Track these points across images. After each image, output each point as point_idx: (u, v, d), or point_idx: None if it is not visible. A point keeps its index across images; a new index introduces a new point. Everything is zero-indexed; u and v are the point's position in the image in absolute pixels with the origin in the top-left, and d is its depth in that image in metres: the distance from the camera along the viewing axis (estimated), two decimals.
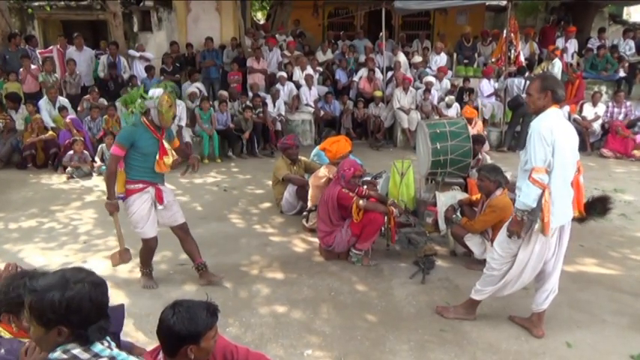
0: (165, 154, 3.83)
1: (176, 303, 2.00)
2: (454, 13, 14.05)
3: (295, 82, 10.38)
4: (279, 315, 3.66)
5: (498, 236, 3.35)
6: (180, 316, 1.92)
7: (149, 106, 3.74)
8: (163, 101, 3.71)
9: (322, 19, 14.61)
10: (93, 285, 1.71)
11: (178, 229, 4.10)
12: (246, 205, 6.29)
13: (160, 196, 3.89)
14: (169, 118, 3.78)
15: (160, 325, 1.97)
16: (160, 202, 3.89)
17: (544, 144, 2.95)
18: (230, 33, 11.66)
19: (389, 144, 10.11)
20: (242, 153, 9.07)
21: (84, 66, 9.64)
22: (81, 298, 1.67)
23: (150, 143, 3.77)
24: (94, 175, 7.61)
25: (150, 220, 3.91)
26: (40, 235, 5.20)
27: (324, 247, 4.63)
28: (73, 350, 1.69)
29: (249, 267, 4.50)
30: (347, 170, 4.42)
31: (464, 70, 11.26)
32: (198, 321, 1.94)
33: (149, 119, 3.77)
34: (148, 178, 3.83)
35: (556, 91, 3.03)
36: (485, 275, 3.40)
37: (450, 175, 5.64)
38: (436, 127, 5.68)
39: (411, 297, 3.95)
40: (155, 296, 3.92)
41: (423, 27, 14.31)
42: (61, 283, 1.69)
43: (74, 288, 1.68)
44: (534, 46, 11.61)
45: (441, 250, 4.85)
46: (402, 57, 11.04)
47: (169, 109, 3.75)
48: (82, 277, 1.74)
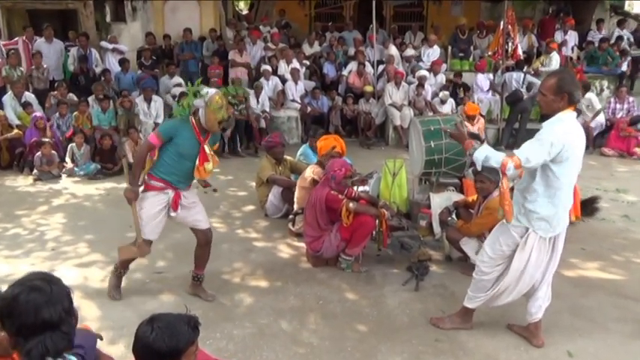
0: (206, 160, 3.73)
1: (153, 318, 1.97)
2: (448, 3, 14.14)
3: (280, 77, 10.36)
4: (263, 326, 3.64)
5: (490, 237, 3.37)
6: (159, 332, 1.89)
7: (198, 105, 3.67)
8: (213, 100, 3.62)
9: (309, 9, 14.63)
10: (31, 289, 1.77)
11: (201, 233, 4.01)
12: (228, 208, 6.25)
13: (176, 201, 3.80)
14: (216, 121, 3.66)
15: (137, 342, 1.94)
16: (175, 209, 3.81)
17: (546, 152, 2.91)
18: (210, 24, 11.60)
19: (380, 142, 10.14)
20: (223, 152, 8.99)
21: (53, 59, 9.51)
22: (13, 299, 1.75)
23: (190, 144, 3.68)
24: (62, 177, 7.51)
25: (154, 223, 3.83)
26: (4, 241, 5.10)
27: (311, 252, 4.62)
28: None
29: (231, 275, 4.47)
30: (337, 171, 4.41)
31: (459, 64, 11.35)
32: (179, 337, 1.91)
33: (197, 119, 3.69)
34: (172, 181, 3.76)
35: (573, 94, 2.99)
36: (476, 280, 3.42)
37: (445, 175, 5.65)
38: (430, 124, 5.68)
39: (404, 305, 3.95)
40: (129, 307, 3.87)
41: (415, 18, 14.39)
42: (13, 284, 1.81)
43: (13, 289, 1.79)
44: (533, 39, 11.73)
45: (436, 255, 4.86)
46: (394, 50, 11.08)
47: (219, 110, 3.64)
48: (27, 279, 1.84)
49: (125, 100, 8.44)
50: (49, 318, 1.73)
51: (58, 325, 1.74)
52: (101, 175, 7.52)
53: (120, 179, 7.44)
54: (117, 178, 7.51)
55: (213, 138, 3.91)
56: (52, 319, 1.74)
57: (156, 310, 3.59)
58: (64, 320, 1.77)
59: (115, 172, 7.63)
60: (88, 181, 7.35)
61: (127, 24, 11.27)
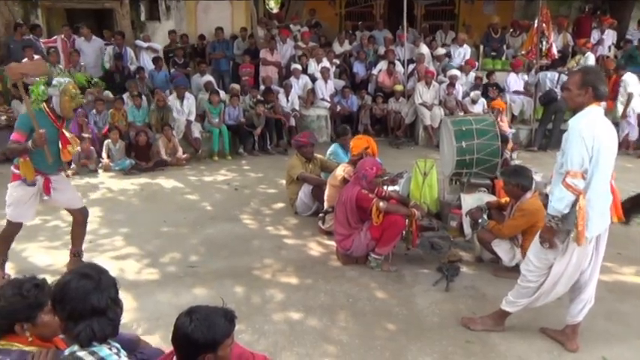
0: (68, 143, 4.05)
1: (192, 309, 2.03)
2: (481, 1, 13.95)
3: (310, 76, 10.41)
4: (294, 322, 3.69)
5: (533, 245, 3.31)
6: (197, 324, 1.95)
7: (52, 93, 3.94)
8: (67, 89, 3.92)
9: (339, 8, 14.62)
10: (81, 276, 1.92)
11: (78, 212, 4.37)
12: (258, 205, 6.33)
13: (47, 186, 4.10)
14: (71, 108, 3.98)
15: (176, 333, 2.00)
16: (47, 193, 4.11)
17: (583, 146, 2.90)
18: (242, 23, 11.73)
19: (410, 142, 10.08)
20: (253, 150, 9.11)
21: (92, 57, 9.75)
22: (65, 285, 1.90)
23: (50, 132, 3.92)
24: (99, 171, 7.72)
25: (25, 205, 4.10)
26: (45, 233, 5.29)
27: (341, 251, 4.65)
28: (78, 353, 1.81)
29: (261, 271, 4.53)
30: (369, 170, 4.43)
31: (491, 64, 11.18)
32: (216, 329, 1.97)
33: (50, 107, 3.97)
34: (41, 168, 4.03)
35: (598, 88, 2.98)
36: (520, 287, 3.38)
37: (477, 175, 5.62)
38: (461, 124, 5.65)
39: (435, 305, 3.95)
40: (164, 300, 3.97)
41: (447, 17, 14.23)
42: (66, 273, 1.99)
43: (65, 277, 1.95)
44: (568, 38, 11.47)
45: (467, 256, 4.83)
46: (425, 49, 10.99)
47: (72, 99, 3.96)
48: (78, 268, 2.02)
49: (159, 98, 8.62)
50: (97, 304, 1.83)
51: (104, 311, 1.84)
52: (136, 170, 7.70)
53: (154, 175, 7.63)
54: (151, 173, 7.69)
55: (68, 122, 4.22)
56: (99, 306, 1.83)
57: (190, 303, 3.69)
58: (110, 307, 1.87)
59: (149, 167, 7.80)
60: (123, 177, 7.54)
61: (160, 23, 11.48)
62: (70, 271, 2.02)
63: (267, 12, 14.98)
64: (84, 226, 4.45)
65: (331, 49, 11.37)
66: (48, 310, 1.98)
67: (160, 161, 7.97)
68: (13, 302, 1.93)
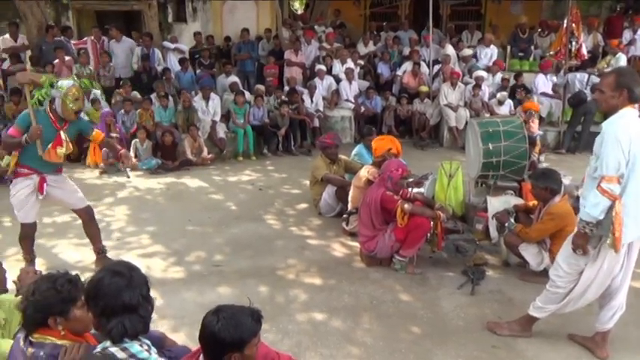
0: (59, 145, 4.09)
1: (219, 308, 2.04)
2: (508, 1, 13.75)
3: (334, 76, 10.40)
4: (317, 323, 3.69)
5: (562, 250, 3.25)
6: (224, 323, 1.96)
7: (54, 95, 4.01)
8: (69, 93, 3.98)
9: (364, 8, 14.58)
10: (114, 273, 1.98)
11: (82, 212, 4.44)
12: (282, 206, 6.36)
13: (41, 185, 4.13)
14: (72, 112, 4.03)
15: (204, 331, 2.02)
16: (40, 192, 4.14)
17: (619, 150, 2.82)
18: (267, 24, 11.79)
19: (434, 143, 10.00)
20: (278, 150, 9.16)
21: (122, 57, 9.93)
22: (98, 282, 1.96)
23: (45, 131, 4.00)
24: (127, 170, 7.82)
25: (27, 206, 4.16)
26: (74, 230, 5.40)
27: (365, 252, 4.63)
28: (110, 348, 1.85)
29: (285, 271, 4.55)
30: (394, 171, 4.41)
31: (518, 64, 11.01)
32: (243, 328, 1.98)
33: (52, 108, 4.06)
34: (34, 166, 4.10)
35: (633, 90, 2.90)
36: (549, 292, 3.31)
37: (503, 178, 5.54)
38: (488, 126, 5.58)
39: (460, 309, 3.91)
40: (190, 298, 4.02)
41: (473, 17, 14.06)
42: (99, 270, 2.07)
43: (98, 274, 2.02)
44: (598, 38, 11.22)
45: (492, 260, 4.77)
46: (451, 49, 10.89)
47: (74, 102, 4.01)
48: (111, 266, 2.10)
49: (185, 98, 8.73)
50: (129, 301, 1.87)
51: (136, 308, 1.88)
52: (162, 170, 7.82)
53: (179, 174, 7.73)
54: (177, 173, 7.79)
55: (78, 125, 4.24)
56: (131, 303, 1.87)
57: (214, 302, 3.72)
58: (141, 305, 1.90)
59: (174, 167, 7.91)
60: (150, 176, 7.66)
61: (187, 24, 11.63)
62: (103, 268, 2.07)
63: (292, 13, 15.06)
64: (93, 225, 4.51)
65: (356, 49, 11.35)
66: (80, 306, 2.03)
67: (186, 161, 8.08)
68: (48, 296, 1.98)
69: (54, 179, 4.24)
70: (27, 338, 2.02)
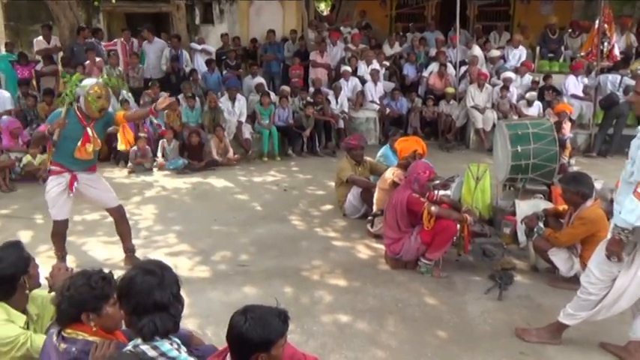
0: (88, 142, 4.17)
1: (247, 309, 2.05)
2: (538, 1, 13.51)
3: (360, 78, 10.38)
4: (342, 324, 3.68)
5: (595, 256, 3.16)
6: (252, 323, 1.97)
7: (79, 93, 4.11)
8: (92, 91, 4.06)
9: (390, 9, 14.53)
10: (146, 272, 2.01)
11: (114, 211, 4.54)
12: (306, 207, 6.37)
13: (71, 183, 4.21)
14: (95, 109, 4.11)
15: (231, 331, 2.03)
16: (70, 190, 4.21)
17: None
18: (292, 25, 11.84)
19: (460, 145, 9.88)
20: (302, 151, 9.17)
21: (153, 58, 10.08)
22: (130, 280, 1.99)
23: (73, 128, 4.10)
24: (154, 170, 7.97)
25: (59, 203, 4.23)
26: (103, 228, 5.50)
27: (390, 254, 4.60)
28: (141, 346, 1.88)
29: (310, 272, 4.55)
30: (421, 174, 4.37)
31: (548, 65, 10.79)
32: (270, 328, 1.98)
33: (78, 106, 4.15)
34: (66, 164, 4.20)
35: None
36: (580, 299, 3.23)
37: (532, 181, 5.43)
38: (517, 128, 5.48)
39: (487, 314, 3.84)
40: (215, 297, 4.05)
41: (501, 18, 13.86)
42: (131, 268, 2.11)
43: (130, 272, 2.05)
44: (632, 39, 10.92)
45: (520, 265, 4.68)
46: (478, 50, 10.74)
47: (97, 100, 4.08)
48: (143, 264, 2.13)
49: (211, 99, 8.82)
50: (160, 300, 1.89)
51: (167, 307, 1.90)
52: (188, 170, 7.91)
53: (205, 174, 7.81)
54: (203, 173, 7.87)
55: (104, 119, 4.29)
56: (162, 301, 1.90)
57: (239, 302, 3.77)
58: (172, 304, 1.93)
59: (201, 167, 7.99)
60: (177, 175, 7.76)
61: (214, 26, 11.77)
62: (136, 266, 2.10)
63: (318, 14, 15.08)
64: (124, 223, 4.58)
65: (381, 50, 11.29)
66: (112, 303, 2.06)
67: (212, 161, 8.16)
68: (82, 292, 2.02)
69: (87, 178, 4.31)
70: (60, 333, 2.07)
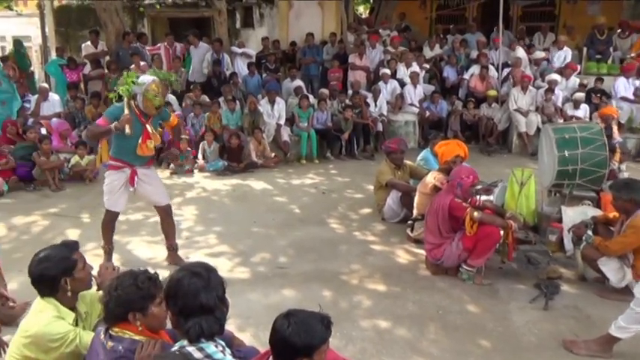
0: (148, 138, 4.26)
1: (290, 313, 2.04)
2: (584, 1, 13.07)
3: (399, 80, 10.28)
4: (382, 330, 3.63)
5: None
6: (295, 328, 1.96)
7: (136, 91, 4.17)
8: (150, 88, 4.11)
9: (430, 11, 14.35)
10: (193, 274, 2.04)
11: (162, 209, 4.62)
12: (345, 210, 6.34)
13: (132, 177, 4.31)
14: (153, 107, 4.19)
15: (274, 335, 2.02)
16: (131, 185, 4.31)
17: None
18: (332, 28, 11.84)
19: (502, 150, 9.64)
20: (341, 154, 9.15)
21: (196, 62, 10.26)
22: (178, 282, 2.03)
23: (134, 125, 4.15)
24: (195, 172, 8.11)
25: (116, 195, 4.35)
26: (146, 228, 5.63)
27: (431, 260, 4.52)
28: (187, 347, 1.90)
29: (349, 276, 4.52)
30: (465, 178, 4.27)
31: (595, 67, 10.42)
32: (313, 334, 1.97)
33: (136, 104, 4.21)
34: (127, 159, 4.29)
35: None
36: (633, 311, 3.09)
37: (580, 187, 5.25)
38: (564, 132, 5.31)
39: (532, 324, 3.72)
40: (255, 299, 4.07)
41: (546, 18, 13.47)
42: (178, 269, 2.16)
43: (178, 273, 2.09)
44: None
45: (568, 274, 4.52)
46: (521, 52, 10.48)
47: (155, 97, 4.15)
48: (190, 266, 2.17)
49: (251, 102, 8.92)
50: (206, 302, 1.91)
51: (212, 310, 1.92)
52: (228, 172, 8.01)
53: (244, 176, 7.89)
54: (242, 175, 7.95)
55: (160, 115, 4.40)
56: (208, 304, 1.92)
57: (278, 304, 3.79)
58: (217, 306, 1.94)
59: (240, 169, 8.08)
60: (217, 177, 7.87)
61: (254, 30, 11.89)
62: (182, 267, 2.13)
63: (357, 17, 15.04)
64: (170, 221, 4.68)
65: (421, 53, 11.16)
66: (158, 303, 2.09)
67: (251, 163, 8.23)
68: (129, 292, 2.06)
69: (145, 173, 4.42)
70: (107, 332, 2.11)
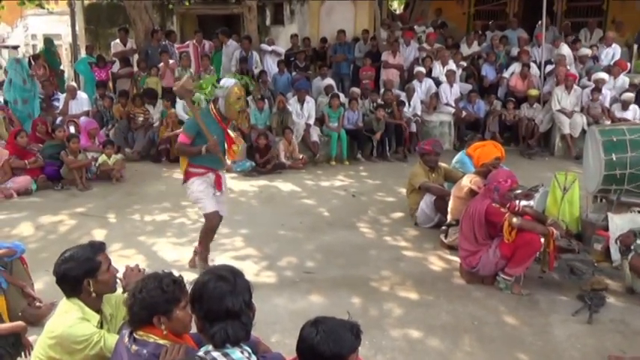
0: (233, 143, 4.31)
1: (318, 320, 2.04)
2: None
3: (435, 79, 10.18)
4: (413, 340, 3.59)
5: None
6: (324, 336, 1.95)
7: (218, 95, 4.17)
8: (232, 92, 4.09)
9: (468, 7, 14.16)
10: (219, 278, 2.05)
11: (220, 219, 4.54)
12: (376, 214, 6.30)
13: (219, 182, 4.33)
14: (235, 111, 4.20)
15: (302, 343, 2.02)
16: (219, 189, 4.33)
17: None
18: (364, 25, 11.82)
19: (544, 152, 9.44)
20: (372, 156, 9.11)
21: (225, 60, 10.40)
22: (203, 285, 2.04)
23: (215, 131, 4.15)
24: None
25: (208, 197, 4.31)
26: (172, 229, 5.72)
27: (466, 268, 4.45)
28: (212, 353, 1.91)
29: (379, 282, 4.49)
30: (502, 182, 4.19)
31: None
32: (342, 343, 1.96)
33: (216, 107, 4.20)
34: (209, 165, 4.29)
35: None
36: None
37: (628, 193, 5.07)
38: (612, 134, 5.15)
39: (575, 339, 3.62)
40: (281, 304, 4.08)
41: (593, 13, 13.10)
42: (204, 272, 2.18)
43: (204, 276, 2.11)
44: None
45: (614, 285, 4.37)
46: (566, 49, 10.22)
47: (237, 102, 4.14)
48: (216, 269, 2.18)
49: (280, 100, 8.97)
50: (232, 307, 1.92)
51: (238, 315, 1.93)
52: (255, 172, 8.07)
53: (272, 178, 7.93)
54: (269, 176, 8.00)
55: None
56: (233, 309, 1.93)
57: (305, 310, 3.79)
58: (244, 311, 1.95)
59: (268, 170, 8.13)
60: (244, 178, 7.94)
61: (284, 27, 11.97)
62: (208, 271, 2.15)
63: (391, 13, 14.97)
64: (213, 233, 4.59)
65: (458, 50, 11.02)
66: (182, 307, 2.11)
67: (279, 164, 8.27)
68: (154, 295, 2.08)
69: (223, 178, 4.48)
70: (131, 335, 2.14)
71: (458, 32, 12.94)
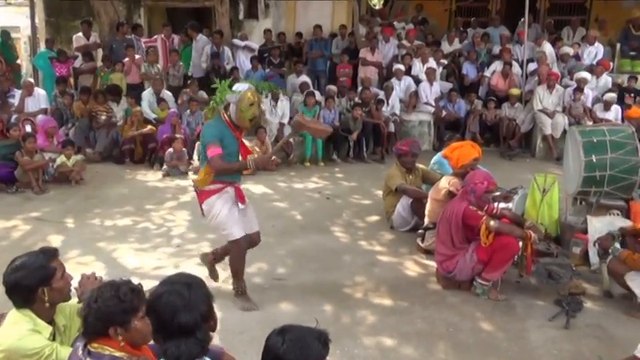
0: (248, 153, 4.05)
1: (284, 329, 2.02)
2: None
3: (414, 77, 10.29)
4: (386, 348, 3.62)
5: None
6: (290, 345, 1.93)
7: (230, 100, 3.88)
8: (245, 97, 3.81)
9: (450, 3, 14.34)
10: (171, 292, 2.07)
11: (255, 235, 4.28)
12: (350, 217, 6.34)
13: (240, 195, 4.05)
14: (246, 119, 3.86)
15: (267, 353, 2.00)
16: (242, 202, 4.05)
17: None
18: (342, 20, 11.87)
19: (525, 153, 9.63)
20: (348, 156, 9.16)
21: (195, 55, 10.32)
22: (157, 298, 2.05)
23: (231, 142, 3.91)
24: (189, 173, 8.13)
25: (235, 219, 4.01)
26: (135, 235, 5.66)
27: (442, 273, 4.50)
28: None
29: (352, 289, 4.51)
30: (479, 184, 4.26)
31: (630, 65, 10.40)
32: (309, 352, 1.94)
33: (228, 114, 3.91)
34: (228, 178, 4.00)
35: None
36: None
37: (608, 195, 5.21)
38: (592, 135, 5.29)
39: (551, 344, 3.70)
40: (249, 313, 4.06)
41: (576, 11, 13.39)
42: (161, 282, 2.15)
43: (159, 288, 2.10)
44: None
45: (592, 289, 4.49)
46: (548, 47, 10.45)
47: (249, 108, 3.83)
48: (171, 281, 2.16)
49: None
50: (185, 323, 1.91)
51: (193, 330, 1.91)
52: None
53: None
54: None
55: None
56: (187, 325, 1.91)
57: (275, 318, 3.78)
58: (199, 326, 1.94)
59: None
60: None
61: (258, 21, 11.94)
62: (164, 281, 2.12)
63: (370, 8, 15.04)
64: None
65: (439, 48, 11.17)
66: (140, 317, 2.07)
67: None
68: (110, 305, 2.03)
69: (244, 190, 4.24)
70: (85, 347, 2.10)
71: (439, 29, 13.12)
